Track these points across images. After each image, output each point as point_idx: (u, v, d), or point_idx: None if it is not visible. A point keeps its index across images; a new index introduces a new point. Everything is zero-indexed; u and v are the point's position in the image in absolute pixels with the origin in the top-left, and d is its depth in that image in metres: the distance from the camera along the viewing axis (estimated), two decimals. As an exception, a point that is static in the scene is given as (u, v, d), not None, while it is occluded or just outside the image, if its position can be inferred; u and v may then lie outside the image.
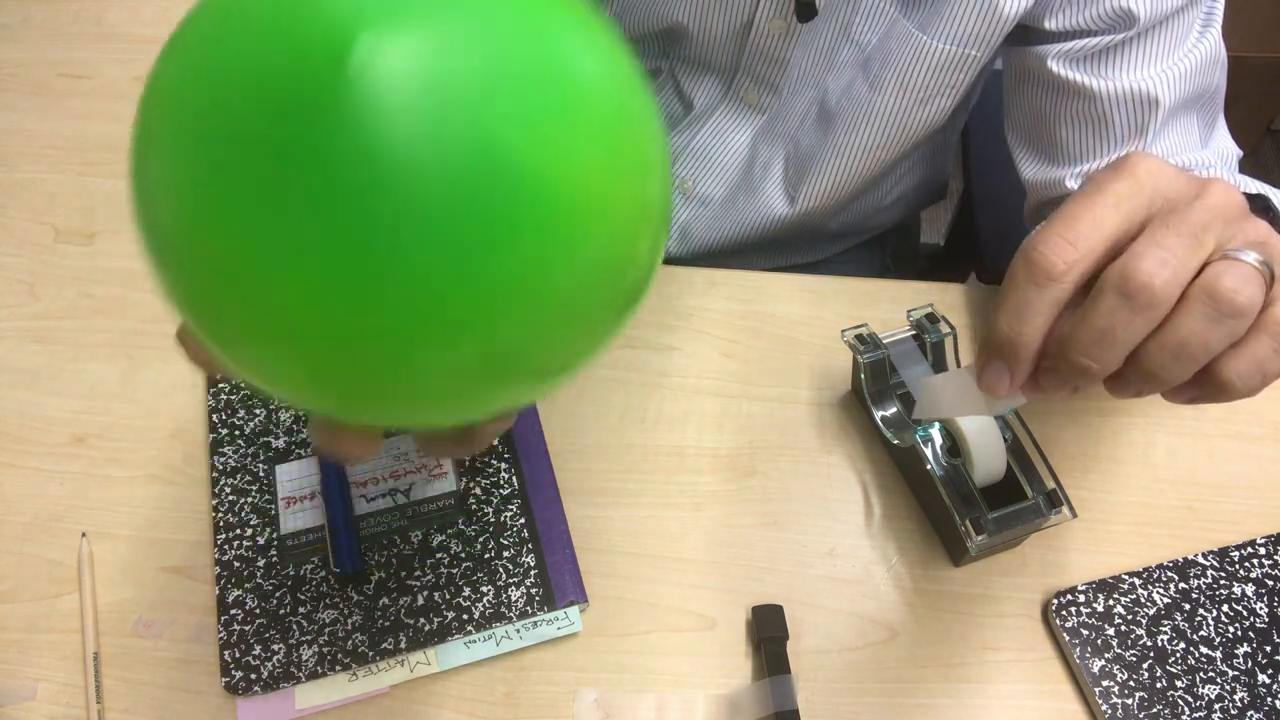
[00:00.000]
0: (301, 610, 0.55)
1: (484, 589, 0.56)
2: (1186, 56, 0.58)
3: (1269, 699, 0.53)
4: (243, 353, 0.28)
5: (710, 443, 0.63)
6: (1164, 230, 0.33)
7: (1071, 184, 0.62)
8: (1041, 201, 0.67)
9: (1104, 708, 0.53)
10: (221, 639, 0.54)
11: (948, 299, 0.69)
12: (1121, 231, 0.34)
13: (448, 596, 0.56)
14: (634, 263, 0.29)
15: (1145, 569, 0.58)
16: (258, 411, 0.62)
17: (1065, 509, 0.54)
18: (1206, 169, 0.60)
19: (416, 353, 0.26)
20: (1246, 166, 0.62)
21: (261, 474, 0.60)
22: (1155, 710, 0.53)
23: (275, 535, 0.58)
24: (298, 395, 0.30)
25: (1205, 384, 0.35)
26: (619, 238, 0.28)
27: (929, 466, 0.55)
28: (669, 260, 0.88)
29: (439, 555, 0.57)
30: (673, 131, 0.77)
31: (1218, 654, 0.55)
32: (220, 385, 0.64)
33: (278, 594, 0.56)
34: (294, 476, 0.60)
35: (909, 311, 0.61)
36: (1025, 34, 0.62)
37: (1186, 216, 0.33)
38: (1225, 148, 0.62)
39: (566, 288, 0.27)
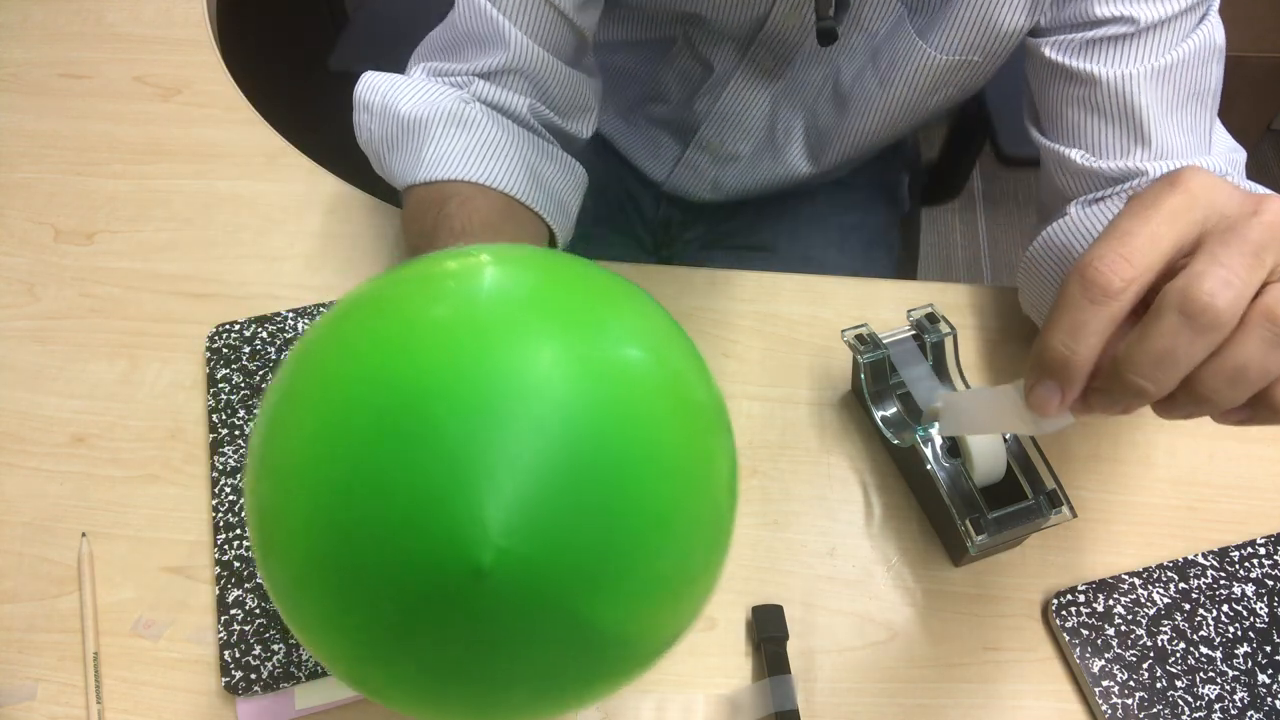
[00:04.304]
0: (301, 610, 0.55)
1: (484, 589, 0.56)
2: (1179, 45, 0.57)
3: (1269, 699, 0.53)
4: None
5: (710, 443, 0.63)
6: (1223, 248, 0.32)
7: (1079, 160, 0.60)
8: (1053, 178, 0.65)
9: (1104, 708, 0.53)
10: (221, 639, 0.54)
11: (948, 299, 0.69)
12: (1177, 248, 0.33)
13: (448, 597, 0.56)
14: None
15: (1145, 569, 0.58)
16: (258, 411, 0.62)
17: (1065, 509, 0.54)
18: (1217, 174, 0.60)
19: None
20: (1246, 166, 0.62)
21: (261, 474, 0.60)
22: (1155, 710, 0.53)
23: (275, 535, 0.58)
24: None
25: (1258, 407, 0.34)
26: (671, 639, 0.36)
27: (929, 466, 0.55)
28: (693, 217, 0.91)
29: (439, 555, 0.57)
30: (695, 96, 0.79)
31: (1218, 654, 0.55)
32: (220, 385, 0.64)
33: (278, 594, 0.56)
34: (294, 476, 0.60)
35: (909, 311, 0.61)
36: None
37: (1245, 235, 0.32)
38: (1232, 154, 0.61)
39: (617, 686, 0.36)
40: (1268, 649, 0.55)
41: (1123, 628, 0.55)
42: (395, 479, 0.29)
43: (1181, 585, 0.57)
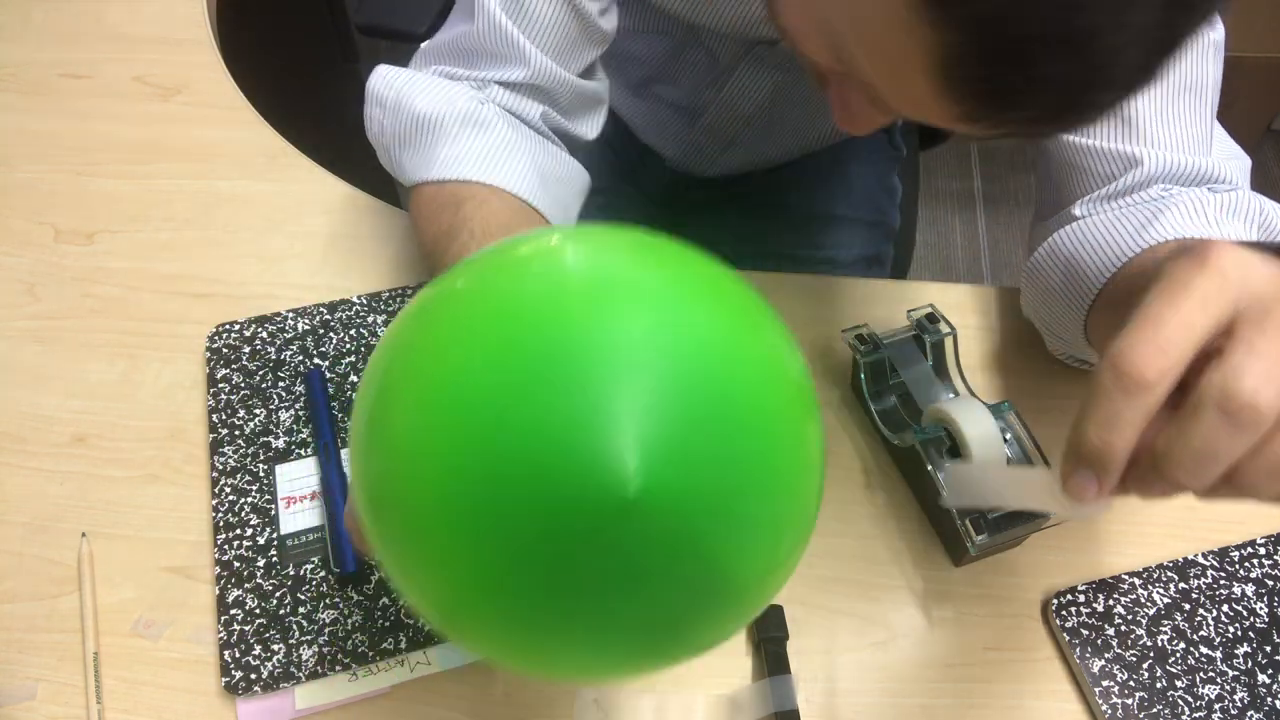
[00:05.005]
0: (301, 610, 0.55)
1: (484, 589, 0.56)
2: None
3: (1269, 699, 0.53)
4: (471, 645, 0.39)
5: (710, 443, 0.63)
6: (1260, 336, 0.31)
7: (1071, 138, 0.60)
8: (1050, 169, 0.65)
9: (1104, 708, 0.53)
10: (221, 639, 0.54)
11: (948, 299, 0.69)
12: (1211, 334, 0.32)
13: (448, 596, 0.56)
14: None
15: (1145, 569, 0.58)
16: (258, 411, 0.62)
17: (1065, 509, 0.54)
18: (1226, 183, 0.59)
19: (619, 672, 0.39)
20: (1246, 167, 0.62)
21: (261, 474, 0.60)
22: (1155, 710, 0.53)
23: (275, 535, 0.58)
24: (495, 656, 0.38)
25: None
26: (768, 597, 0.38)
27: (929, 467, 0.55)
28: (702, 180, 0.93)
29: (439, 555, 0.57)
30: (701, 83, 0.81)
31: (1218, 654, 0.55)
32: (220, 385, 0.64)
33: (278, 594, 0.56)
34: (294, 476, 0.60)
35: (909, 311, 0.61)
36: None
37: None
38: (1235, 161, 0.60)
39: (727, 633, 0.38)
40: (1268, 649, 0.55)
41: (1123, 628, 0.55)
42: (546, 416, 0.31)
43: (1181, 585, 0.57)
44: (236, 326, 0.66)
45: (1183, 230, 0.53)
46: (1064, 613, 0.56)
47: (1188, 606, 0.56)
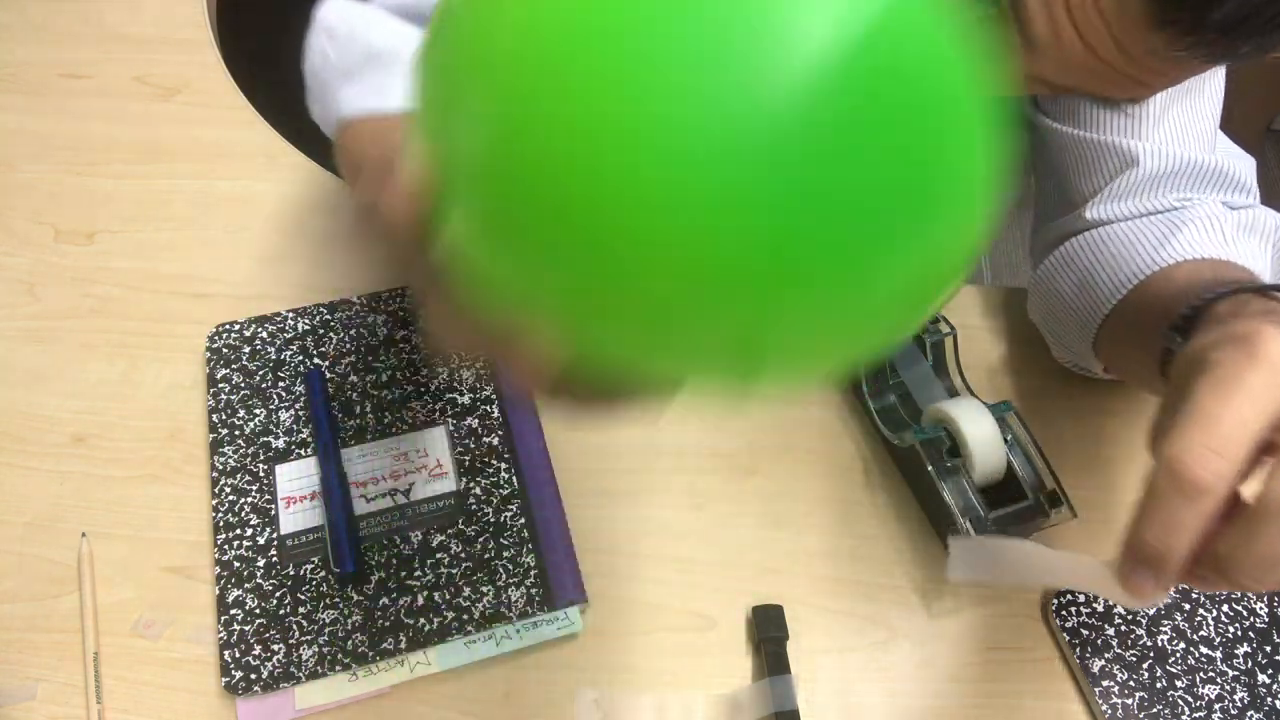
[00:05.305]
0: (301, 610, 0.55)
1: (484, 589, 0.56)
2: None
3: (1269, 699, 0.53)
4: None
5: (710, 443, 0.63)
6: None
7: (1075, 130, 0.59)
8: (1055, 165, 0.64)
9: (1104, 708, 0.53)
10: (221, 639, 0.54)
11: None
12: (1265, 431, 0.33)
13: (447, 596, 0.56)
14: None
15: (1145, 569, 0.58)
16: (258, 411, 0.62)
17: (1065, 509, 0.54)
18: (1235, 180, 0.58)
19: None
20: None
21: (261, 474, 0.60)
22: (1155, 710, 0.53)
23: (275, 535, 0.58)
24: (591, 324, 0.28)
25: None
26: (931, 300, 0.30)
27: (929, 467, 0.55)
28: None
29: (439, 555, 0.57)
30: None
31: (1218, 654, 0.55)
32: (220, 385, 0.64)
33: (278, 594, 0.56)
34: (294, 476, 0.60)
35: (909, 311, 0.61)
36: None
37: None
38: (1244, 160, 0.60)
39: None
40: (1268, 649, 0.55)
41: (1123, 628, 0.55)
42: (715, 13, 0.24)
43: (1181, 585, 0.57)
44: (236, 326, 0.66)
45: (1199, 249, 0.53)
46: (1064, 613, 0.56)
47: (1188, 606, 0.56)
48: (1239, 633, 0.56)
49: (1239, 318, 0.41)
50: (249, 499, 0.59)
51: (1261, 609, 0.56)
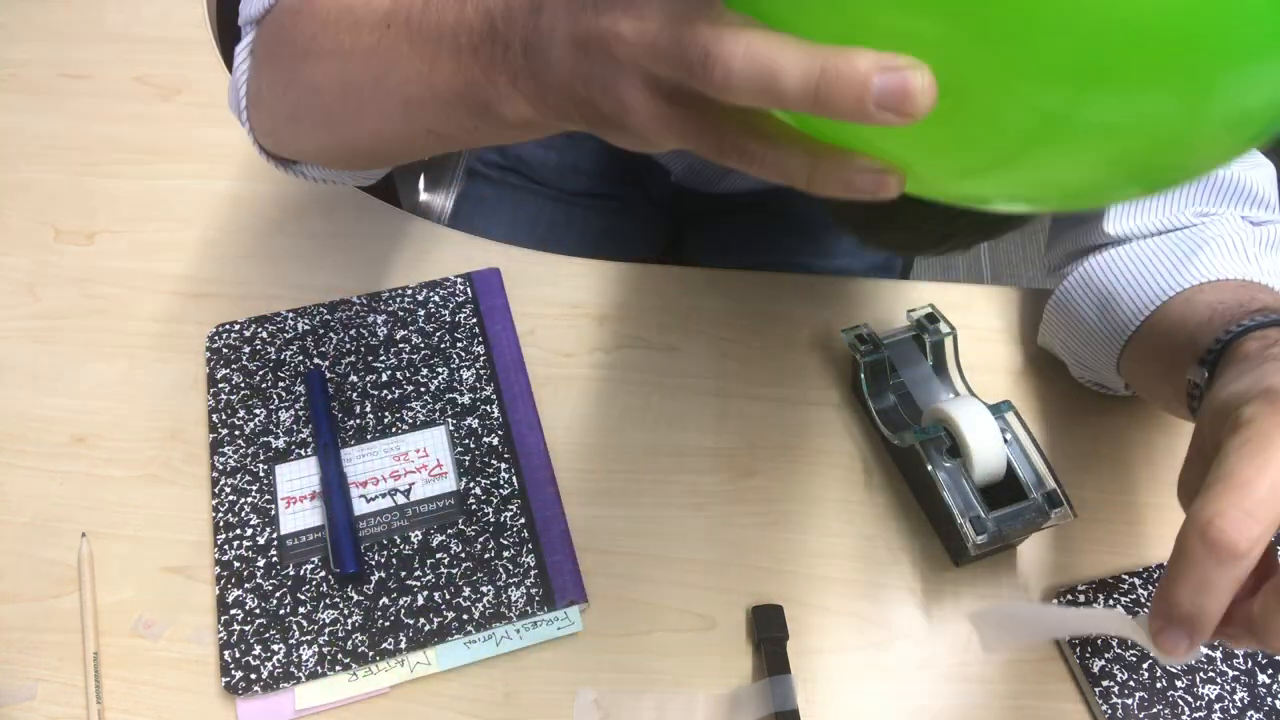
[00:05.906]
0: (301, 610, 0.55)
1: (484, 589, 0.56)
2: None
3: (1269, 699, 0.53)
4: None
5: (710, 443, 0.63)
6: None
7: None
8: None
9: (1104, 708, 0.53)
10: (221, 639, 0.54)
11: (948, 299, 0.69)
12: None
13: (447, 596, 0.56)
14: None
15: (1145, 569, 0.58)
16: (258, 411, 0.62)
17: (1065, 509, 0.54)
18: (1253, 196, 0.57)
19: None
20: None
21: (261, 474, 0.60)
22: (1155, 710, 0.53)
23: (275, 535, 0.58)
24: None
25: None
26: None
27: (929, 467, 0.55)
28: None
29: (439, 555, 0.57)
30: None
31: (1218, 654, 0.55)
32: (220, 385, 0.64)
33: (278, 594, 0.56)
34: (294, 476, 0.60)
35: (909, 311, 0.61)
36: None
37: None
38: (1263, 169, 0.59)
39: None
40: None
41: (1123, 628, 0.55)
42: None
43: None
44: (236, 326, 0.66)
45: (1222, 269, 0.53)
46: (1064, 613, 0.56)
47: (1188, 606, 0.56)
48: (1239, 633, 0.55)
49: (1267, 360, 0.41)
50: (249, 499, 0.59)
51: (1261, 609, 0.56)
